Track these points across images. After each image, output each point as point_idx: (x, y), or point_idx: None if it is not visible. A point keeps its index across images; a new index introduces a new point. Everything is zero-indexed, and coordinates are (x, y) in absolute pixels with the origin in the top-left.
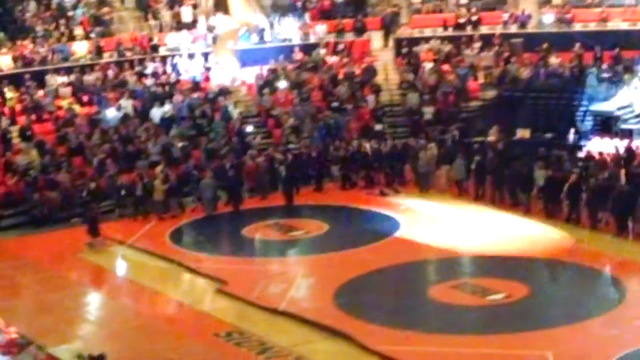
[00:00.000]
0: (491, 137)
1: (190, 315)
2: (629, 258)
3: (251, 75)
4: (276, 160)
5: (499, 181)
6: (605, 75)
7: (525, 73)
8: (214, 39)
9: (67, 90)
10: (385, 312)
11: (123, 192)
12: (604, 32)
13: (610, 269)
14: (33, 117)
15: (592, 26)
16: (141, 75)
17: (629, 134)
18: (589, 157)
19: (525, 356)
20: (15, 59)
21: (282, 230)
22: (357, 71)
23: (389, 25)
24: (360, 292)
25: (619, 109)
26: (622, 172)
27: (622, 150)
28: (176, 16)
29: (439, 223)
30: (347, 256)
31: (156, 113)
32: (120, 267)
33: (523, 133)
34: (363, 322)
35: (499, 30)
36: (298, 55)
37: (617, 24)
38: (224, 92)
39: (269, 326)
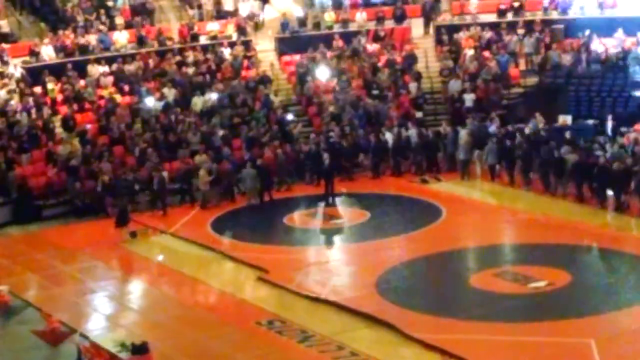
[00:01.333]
0: (531, 124)
1: (232, 303)
2: None
3: (292, 63)
4: (317, 148)
5: (528, 166)
6: None
7: (566, 59)
8: (255, 27)
9: (109, 80)
10: (426, 299)
11: (156, 185)
12: None
13: None
14: (75, 107)
15: (635, 11)
16: (182, 64)
17: None
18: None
19: (568, 344)
20: (56, 49)
21: (324, 218)
22: (398, 59)
23: (429, 12)
24: (402, 280)
25: None
26: None
27: None
28: (217, 4)
29: (480, 210)
30: (389, 244)
31: (197, 102)
32: (162, 256)
33: (564, 120)
34: (404, 309)
35: (540, 16)
36: (338, 43)
37: None
38: (264, 80)
39: (310, 314)
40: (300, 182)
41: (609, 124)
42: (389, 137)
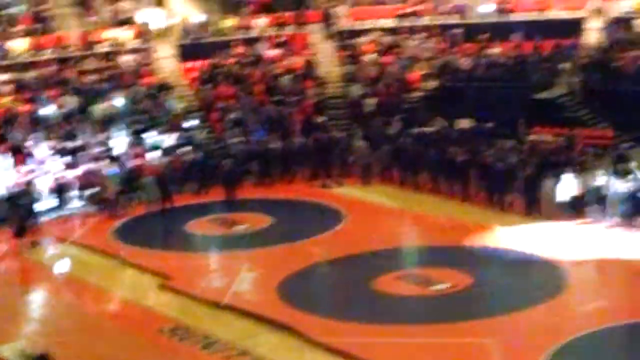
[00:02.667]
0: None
1: (135, 311)
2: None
3: (193, 69)
4: (216, 154)
5: (419, 167)
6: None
7: (466, 63)
8: (155, 34)
9: (9, 88)
10: (329, 303)
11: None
12: (543, 21)
13: (550, 254)
14: None
15: (531, 15)
16: (82, 71)
17: (571, 122)
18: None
19: (470, 345)
20: None
21: (225, 225)
22: (299, 64)
23: (329, 18)
24: (304, 284)
25: (560, 97)
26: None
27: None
28: (116, 12)
29: (382, 214)
30: (291, 249)
31: (97, 110)
32: (63, 265)
33: (464, 123)
34: (307, 314)
35: (439, 20)
36: (239, 49)
37: (557, 13)
38: (165, 87)
39: (213, 320)
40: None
41: (519, 127)
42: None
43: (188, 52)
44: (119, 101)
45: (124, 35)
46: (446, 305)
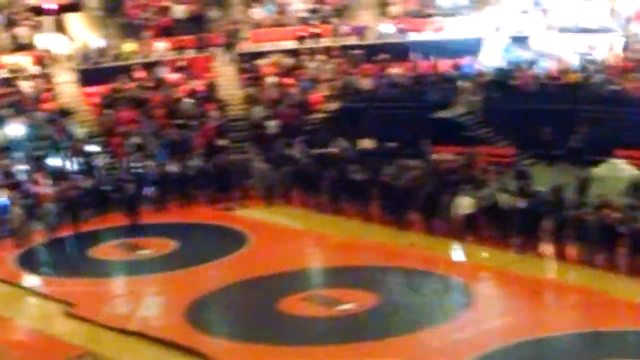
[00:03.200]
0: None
1: (40, 340)
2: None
3: (93, 94)
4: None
5: (318, 188)
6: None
7: (366, 84)
8: (54, 59)
9: None
10: (236, 327)
11: None
12: (440, 40)
13: (455, 272)
14: None
15: (429, 35)
16: None
17: (473, 140)
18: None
19: None
20: None
21: (130, 250)
22: (200, 87)
23: (230, 41)
24: (211, 308)
25: (460, 116)
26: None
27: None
28: (14, 37)
29: (286, 235)
30: (197, 273)
31: None
32: None
33: (367, 143)
34: (215, 338)
35: (339, 42)
36: (140, 74)
37: (454, 33)
38: (66, 112)
39: (120, 347)
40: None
41: (422, 146)
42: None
43: (88, 77)
44: (18, 127)
45: (23, 60)
46: (353, 326)
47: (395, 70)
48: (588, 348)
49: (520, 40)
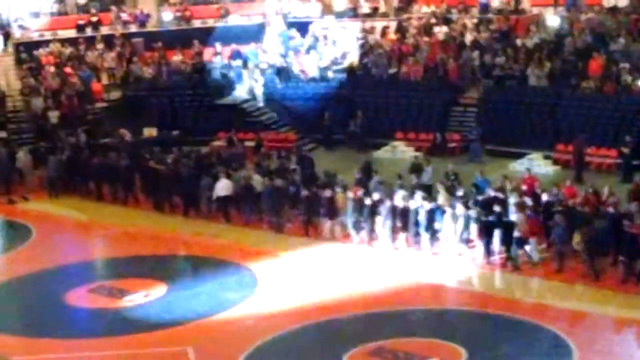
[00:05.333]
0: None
1: None
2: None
3: None
4: None
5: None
6: (226, 70)
7: (148, 72)
8: None
9: None
10: (21, 322)
11: None
12: (222, 27)
13: (240, 258)
14: None
15: (211, 22)
16: None
17: (256, 126)
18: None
19: (167, 353)
20: None
21: None
22: None
23: (6, 29)
24: None
25: (243, 102)
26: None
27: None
28: None
29: (71, 227)
30: None
31: None
32: None
33: (150, 132)
34: (1, 334)
35: (119, 30)
36: None
37: (235, 20)
38: None
39: None
40: None
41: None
42: None
43: None
44: None
45: None
46: (142, 316)
47: (177, 57)
48: (372, 329)
49: (299, 26)
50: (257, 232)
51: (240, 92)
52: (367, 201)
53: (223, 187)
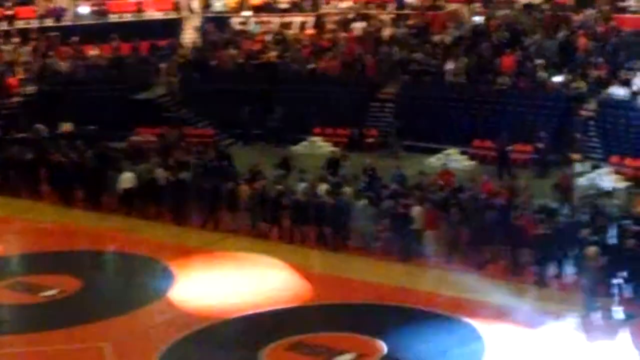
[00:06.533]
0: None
1: None
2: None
3: None
4: None
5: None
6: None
7: (64, 67)
8: None
9: None
10: None
11: None
12: (140, 22)
13: (156, 253)
14: None
15: (128, 17)
16: None
17: (172, 121)
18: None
19: (83, 349)
20: None
21: None
22: None
23: None
24: None
25: (160, 97)
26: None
27: None
28: None
29: None
30: None
31: None
32: None
33: (66, 127)
34: None
35: (35, 24)
36: None
37: (152, 14)
38: None
39: None
40: None
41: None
42: None
43: None
44: None
45: None
46: (57, 312)
47: (93, 52)
48: (291, 324)
49: (217, 21)
50: (166, 226)
51: (157, 87)
52: (271, 194)
53: (127, 179)
